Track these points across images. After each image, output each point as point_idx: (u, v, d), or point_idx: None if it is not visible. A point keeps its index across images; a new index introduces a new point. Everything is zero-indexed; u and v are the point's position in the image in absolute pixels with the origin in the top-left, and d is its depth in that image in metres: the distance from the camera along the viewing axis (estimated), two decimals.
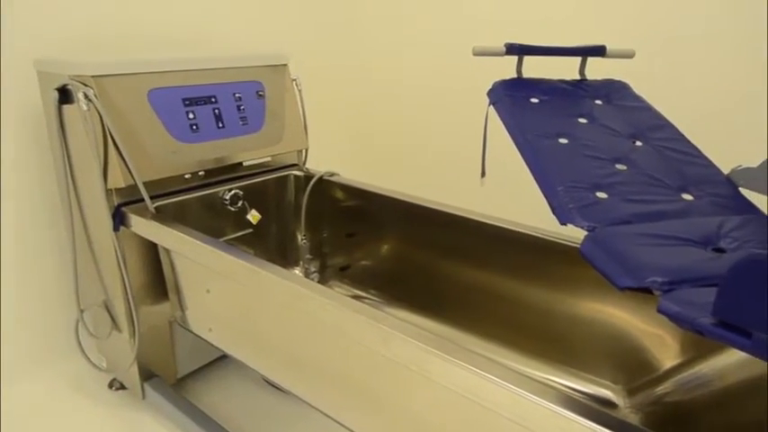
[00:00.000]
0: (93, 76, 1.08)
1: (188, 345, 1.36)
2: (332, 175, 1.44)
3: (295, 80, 1.47)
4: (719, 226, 0.70)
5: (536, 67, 1.12)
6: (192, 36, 1.62)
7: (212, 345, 1.15)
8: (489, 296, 1.24)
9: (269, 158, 1.40)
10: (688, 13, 1.32)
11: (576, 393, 1.11)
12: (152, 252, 1.20)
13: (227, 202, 1.31)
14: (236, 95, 1.33)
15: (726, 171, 0.87)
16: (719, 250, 0.66)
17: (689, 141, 0.95)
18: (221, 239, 1.36)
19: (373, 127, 2.08)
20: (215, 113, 1.28)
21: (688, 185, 0.84)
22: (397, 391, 0.79)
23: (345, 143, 2.17)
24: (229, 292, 1.03)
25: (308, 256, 1.53)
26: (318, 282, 1.25)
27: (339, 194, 1.44)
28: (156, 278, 1.22)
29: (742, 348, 0.40)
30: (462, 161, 1.74)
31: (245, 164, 1.34)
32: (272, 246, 1.51)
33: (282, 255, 1.53)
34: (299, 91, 1.47)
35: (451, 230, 1.26)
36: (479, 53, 1.12)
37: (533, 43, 1.10)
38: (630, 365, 1.04)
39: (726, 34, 1.27)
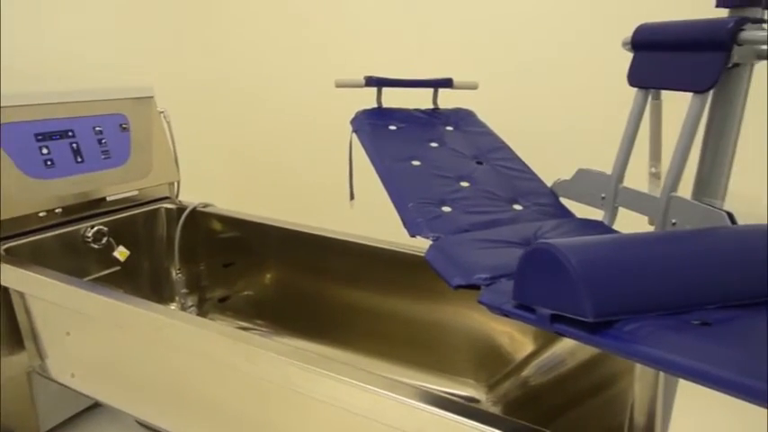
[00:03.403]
0: None
1: (52, 395, 1.25)
2: (206, 206, 1.44)
3: (162, 112, 1.45)
4: (538, 229, 0.82)
5: (400, 97, 1.22)
6: (54, 69, 1.54)
7: (77, 392, 1.09)
8: (366, 313, 1.30)
9: (136, 192, 1.36)
10: (526, 50, 1.52)
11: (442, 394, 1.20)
12: (3, 297, 1.11)
13: (89, 240, 1.25)
14: (97, 129, 1.29)
15: (549, 184, 1.02)
16: None
17: (521, 160, 1.09)
18: (86, 279, 1.29)
19: (253, 156, 2.10)
20: (72, 148, 1.23)
21: (518, 197, 0.96)
22: (270, 411, 0.81)
23: (227, 174, 2.15)
24: (91, 333, 0.99)
25: (184, 290, 1.49)
26: (197, 315, 1.23)
27: (214, 225, 1.44)
28: (10, 325, 1.13)
29: (530, 323, 0.49)
30: (336, 186, 1.80)
31: (108, 199, 1.29)
32: (144, 282, 1.45)
33: (157, 291, 1.48)
34: (168, 123, 1.45)
35: (328, 253, 1.31)
36: (341, 85, 1.21)
37: (396, 76, 1.21)
38: (489, 362, 1.15)
39: (555, 73, 1.48)
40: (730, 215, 0.65)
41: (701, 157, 0.76)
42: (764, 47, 0.69)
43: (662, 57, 0.74)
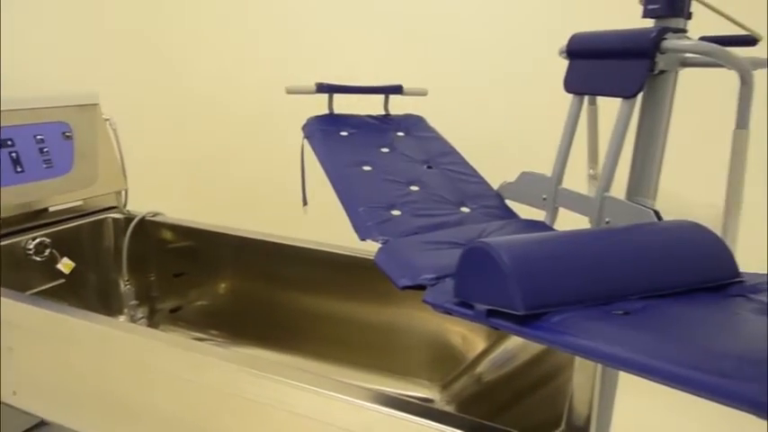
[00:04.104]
0: None
1: None
2: (155, 215, 1.41)
3: (108, 120, 1.41)
4: (483, 230, 0.85)
5: (353, 104, 1.23)
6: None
7: (20, 410, 1.04)
8: (322, 318, 1.31)
9: (81, 202, 1.32)
10: (473, 58, 1.56)
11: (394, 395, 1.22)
12: None
13: (31, 252, 1.20)
14: (38, 137, 1.25)
15: (496, 186, 1.05)
16: None
17: (468, 164, 1.12)
18: (28, 293, 1.24)
19: (204, 164, 2.06)
20: (12, 157, 1.18)
21: (466, 200, 0.99)
22: (223, 419, 0.80)
23: (178, 182, 2.11)
24: (35, 348, 0.95)
25: (134, 301, 1.45)
26: (148, 327, 1.21)
27: (164, 235, 1.41)
28: None
29: (469, 318, 0.51)
30: (289, 192, 1.80)
31: (51, 209, 1.25)
32: (91, 295, 1.41)
33: (105, 303, 1.44)
34: (114, 130, 1.42)
35: (282, 260, 1.31)
36: (292, 92, 1.21)
37: (348, 82, 1.22)
38: (442, 362, 1.17)
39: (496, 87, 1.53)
40: (657, 213, 0.69)
41: (632, 159, 0.80)
42: (687, 54, 0.74)
43: (594, 64, 0.79)
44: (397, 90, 1.29)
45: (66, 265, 1.27)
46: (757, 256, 1.24)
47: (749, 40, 0.77)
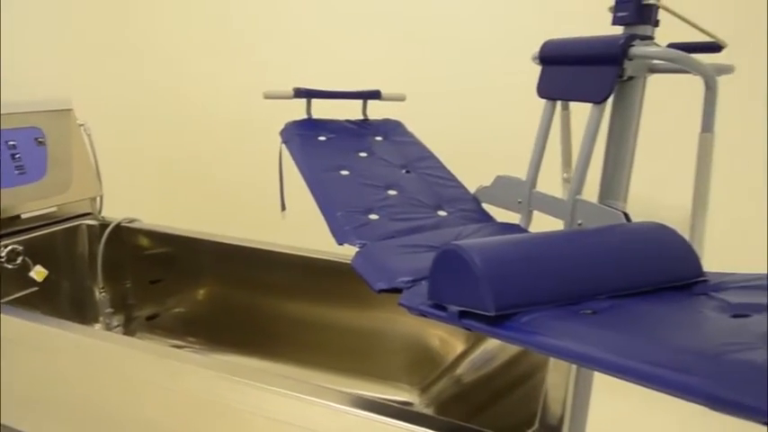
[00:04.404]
0: None
1: None
2: (131, 221, 1.39)
3: (83, 125, 1.40)
4: (459, 233, 0.86)
5: (331, 109, 1.23)
6: None
7: None
8: (302, 324, 1.30)
9: (54, 209, 1.30)
10: (451, 64, 1.58)
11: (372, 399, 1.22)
12: None
13: (2, 260, 1.18)
14: (10, 143, 1.22)
15: (473, 190, 1.06)
16: None
17: (446, 168, 1.13)
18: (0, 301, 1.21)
19: (182, 169, 2.04)
20: None
21: (443, 204, 1.00)
22: (201, 427, 0.80)
23: (155, 188, 2.09)
24: (7, 358, 0.93)
25: (109, 309, 1.43)
26: (124, 335, 1.19)
27: (141, 241, 1.39)
28: None
29: (442, 320, 0.52)
30: (268, 197, 1.79)
31: (23, 216, 1.22)
32: (65, 303, 1.38)
33: (79, 312, 1.41)
34: (89, 136, 1.40)
35: (261, 265, 1.30)
36: (270, 97, 1.21)
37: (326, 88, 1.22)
38: (422, 365, 1.17)
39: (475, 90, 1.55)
40: (626, 215, 0.70)
41: (604, 162, 0.82)
42: (655, 61, 0.76)
43: (565, 70, 0.80)
44: (375, 95, 1.30)
45: (39, 272, 1.25)
46: (757, 256, 1.27)
47: (714, 47, 0.80)
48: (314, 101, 1.23)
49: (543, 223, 0.88)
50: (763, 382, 0.26)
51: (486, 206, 1.03)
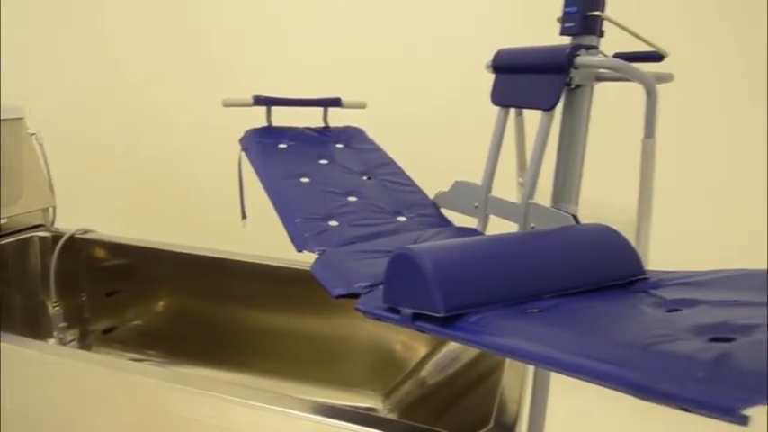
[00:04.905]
0: None
1: None
2: (86, 232, 1.35)
3: (34, 134, 1.35)
4: (417, 238, 0.87)
5: (293, 117, 1.23)
6: None
7: None
8: (266, 333, 1.29)
9: (4, 220, 1.25)
10: (410, 73, 1.60)
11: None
12: None
13: None
14: None
15: (432, 196, 1.08)
16: None
17: (406, 174, 1.15)
18: None
19: (139, 179, 2.00)
20: None
21: (402, 210, 1.02)
22: None
23: (112, 197, 2.03)
24: None
25: (63, 323, 1.39)
26: (79, 349, 1.15)
27: (96, 252, 1.35)
28: None
29: (396, 323, 0.53)
30: (228, 205, 1.77)
31: None
32: (16, 318, 1.33)
33: (32, 327, 1.36)
34: (41, 145, 1.36)
35: (222, 275, 1.28)
36: (229, 104, 1.20)
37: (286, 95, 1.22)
38: (385, 371, 1.18)
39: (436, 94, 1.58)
40: (575, 217, 0.73)
41: (555, 167, 0.85)
42: (601, 70, 0.79)
43: (516, 78, 0.83)
44: (336, 103, 1.30)
45: None
46: (758, 256, 1.32)
47: (656, 57, 0.83)
48: (274, 109, 1.22)
49: (500, 227, 0.90)
50: (683, 371, 0.27)
51: (445, 211, 1.05)
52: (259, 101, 1.21)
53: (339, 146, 1.25)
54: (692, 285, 0.49)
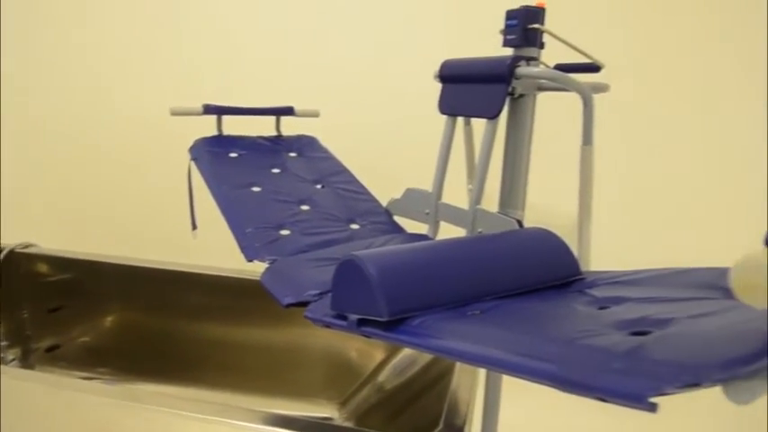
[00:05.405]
0: None
1: None
2: (27, 246, 1.30)
3: None
4: (369, 245, 0.88)
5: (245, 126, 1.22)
6: None
7: None
8: (220, 346, 1.27)
9: None
10: (363, 81, 1.62)
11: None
12: None
13: None
14: None
15: (385, 203, 1.09)
16: None
17: (359, 182, 1.16)
18: None
19: (84, 191, 1.93)
20: None
21: (356, 217, 1.02)
22: None
23: (55, 211, 1.95)
24: None
25: (4, 342, 1.32)
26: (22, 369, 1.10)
27: (38, 267, 1.30)
28: None
29: (343, 329, 0.53)
30: (178, 216, 1.73)
31: None
32: None
33: None
34: None
35: (173, 287, 1.26)
36: (177, 113, 1.18)
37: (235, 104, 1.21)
38: (341, 379, 1.18)
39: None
40: (519, 222, 0.76)
41: (502, 174, 0.88)
42: (541, 80, 0.83)
43: (462, 88, 0.85)
44: (289, 111, 1.30)
45: None
46: (707, 255, 1.37)
47: (593, 68, 0.87)
48: (226, 118, 1.21)
49: (452, 233, 0.92)
50: (601, 363, 0.29)
51: (399, 218, 1.06)
52: (209, 109, 1.19)
53: (292, 154, 1.25)
54: (624, 284, 0.51)
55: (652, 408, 0.25)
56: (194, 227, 1.19)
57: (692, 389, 0.25)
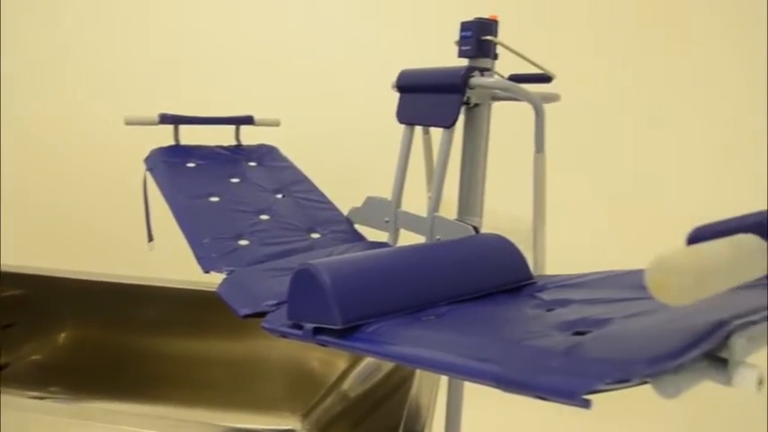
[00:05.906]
0: None
1: None
2: None
3: None
4: (330, 254, 0.88)
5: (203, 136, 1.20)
6: None
7: None
8: (179, 360, 1.24)
9: None
10: (326, 90, 1.62)
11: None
12: None
13: None
14: None
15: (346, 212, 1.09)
16: None
17: (320, 191, 1.16)
18: None
19: (36, 203, 1.86)
20: None
21: (316, 226, 1.02)
22: None
23: (9, 224, 1.87)
24: None
25: None
26: None
27: None
28: None
29: (300, 339, 0.53)
30: (134, 228, 1.69)
31: None
32: None
33: None
34: None
35: (130, 301, 1.22)
36: (131, 123, 1.16)
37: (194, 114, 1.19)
38: (304, 389, 1.17)
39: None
40: (476, 228, 0.77)
41: (459, 182, 0.89)
42: (495, 90, 0.85)
43: (418, 98, 0.87)
44: (248, 120, 1.29)
45: None
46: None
47: (545, 78, 0.90)
48: (184, 127, 1.19)
49: (412, 240, 0.93)
50: (539, 362, 0.30)
51: (360, 226, 1.06)
52: (165, 119, 1.17)
53: (252, 164, 1.24)
54: (571, 287, 0.53)
55: (585, 404, 0.26)
56: (150, 239, 1.16)
57: (623, 385, 0.26)
